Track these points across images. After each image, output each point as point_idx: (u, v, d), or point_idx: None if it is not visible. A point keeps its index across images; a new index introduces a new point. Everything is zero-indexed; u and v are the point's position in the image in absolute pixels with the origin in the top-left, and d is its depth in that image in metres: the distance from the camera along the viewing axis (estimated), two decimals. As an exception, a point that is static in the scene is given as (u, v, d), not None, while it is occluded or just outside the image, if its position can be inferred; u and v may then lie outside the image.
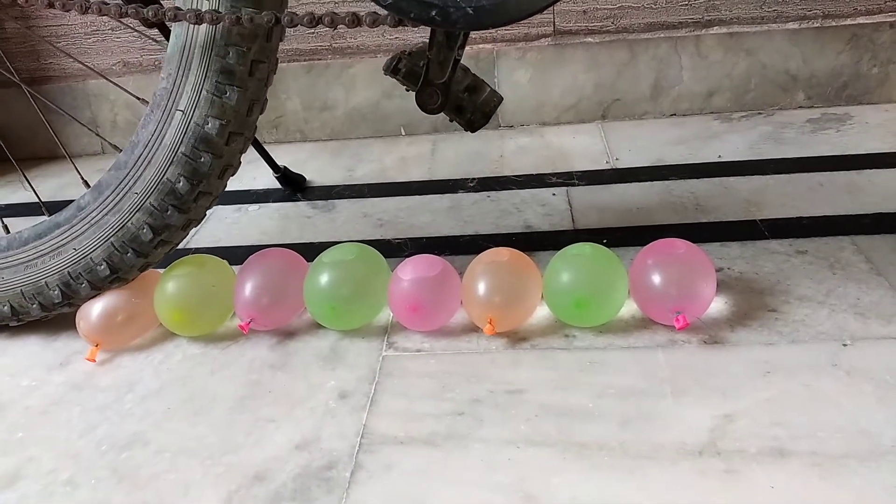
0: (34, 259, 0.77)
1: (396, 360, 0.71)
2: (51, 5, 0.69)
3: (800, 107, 1.24)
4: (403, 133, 1.31)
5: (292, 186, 1.12)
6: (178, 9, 0.67)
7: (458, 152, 1.21)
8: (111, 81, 0.91)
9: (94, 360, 0.74)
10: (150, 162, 0.72)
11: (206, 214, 0.77)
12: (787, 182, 0.98)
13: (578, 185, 1.05)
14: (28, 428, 0.67)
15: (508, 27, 1.24)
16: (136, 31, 0.89)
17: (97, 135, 0.88)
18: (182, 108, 0.71)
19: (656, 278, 0.69)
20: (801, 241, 0.83)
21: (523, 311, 0.72)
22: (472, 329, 0.73)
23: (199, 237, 1.01)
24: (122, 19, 0.72)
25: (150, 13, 0.68)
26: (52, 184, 1.27)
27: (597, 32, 1.23)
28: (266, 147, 1.10)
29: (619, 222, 0.93)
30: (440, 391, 0.66)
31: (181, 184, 0.72)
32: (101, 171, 1.35)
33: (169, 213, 0.73)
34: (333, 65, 1.28)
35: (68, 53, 1.01)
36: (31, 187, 0.91)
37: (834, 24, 1.19)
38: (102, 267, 0.75)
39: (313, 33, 1.27)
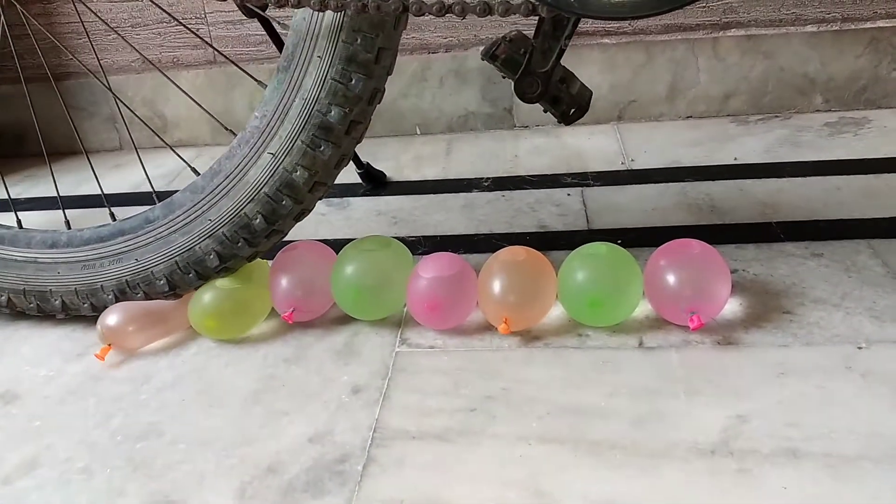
0: (93, 260, 0.78)
1: (409, 357, 0.71)
2: None
3: (817, 110, 1.23)
4: (418, 132, 1.32)
5: (374, 182, 1.12)
6: None
7: (473, 152, 1.22)
8: (170, 79, 0.92)
9: (103, 359, 0.74)
10: (228, 193, 0.73)
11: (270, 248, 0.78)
12: (804, 185, 0.98)
13: (593, 185, 1.05)
14: (45, 417, 0.68)
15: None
16: (223, 54, 0.89)
17: (179, 157, 0.84)
18: (273, 152, 0.71)
19: (671, 278, 0.69)
20: (817, 243, 0.83)
21: (538, 310, 0.72)
22: (486, 327, 0.73)
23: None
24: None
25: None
26: (70, 179, 1.29)
27: (613, 34, 1.23)
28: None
29: (634, 223, 0.93)
30: (453, 387, 0.66)
31: (258, 221, 0.73)
32: (118, 166, 1.37)
33: (239, 245, 0.74)
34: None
35: (134, 47, 1.01)
36: (99, 185, 0.90)
37: (853, 27, 1.18)
38: (162, 282, 0.76)
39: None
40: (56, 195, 0.89)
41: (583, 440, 0.59)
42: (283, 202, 0.72)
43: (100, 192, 0.87)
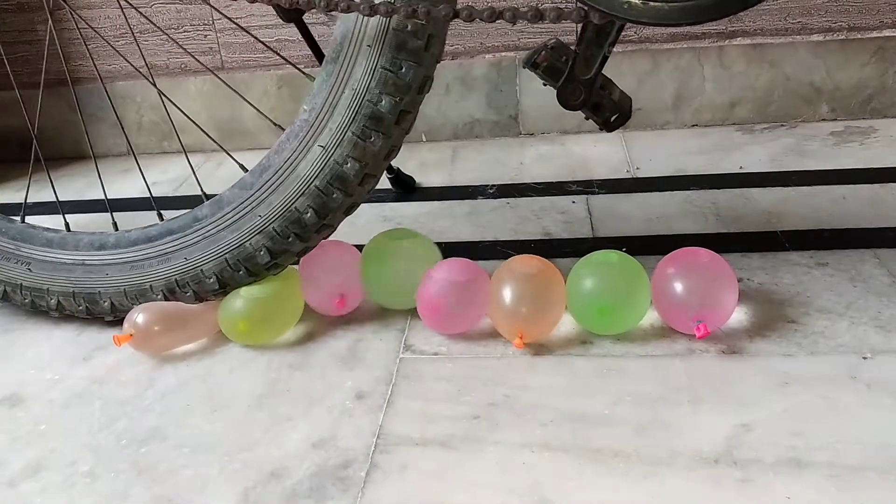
0: (141, 261, 0.78)
1: (413, 363, 0.71)
2: None
3: (823, 119, 1.23)
4: (424, 139, 1.32)
5: (403, 188, 1.12)
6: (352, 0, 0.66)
7: (478, 159, 1.22)
8: (221, 79, 0.92)
9: (119, 344, 0.74)
10: (278, 188, 0.73)
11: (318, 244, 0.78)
12: (810, 194, 0.98)
13: (598, 193, 1.05)
14: (50, 420, 0.69)
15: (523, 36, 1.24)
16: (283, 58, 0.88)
17: (229, 155, 0.84)
18: (323, 145, 0.71)
19: (678, 286, 0.69)
20: (823, 253, 0.83)
21: (550, 321, 0.72)
22: (490, 334, 0.73)
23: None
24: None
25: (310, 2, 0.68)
26: (79, 183, 1.29)
27: (619, 42, 1.23)
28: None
29: (639, 231, 0.93)
30: (456, 394, 0.66)
31: (309, 215, 0.72)
32: (126, 171, 1.37)
33: (290, 240, 0.73)
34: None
35: (189, 52, 1.01)
36: (147, 187, 0.90)
37: (859, 36, 1.18)
38: (212, 280, 0.75)
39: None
40: (104, 198, 0.88)
41: (586, 448, 0.59)
42: (334, 195, 0.72)
43: (148, 195, 0.88)
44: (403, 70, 0.68)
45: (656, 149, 1.18)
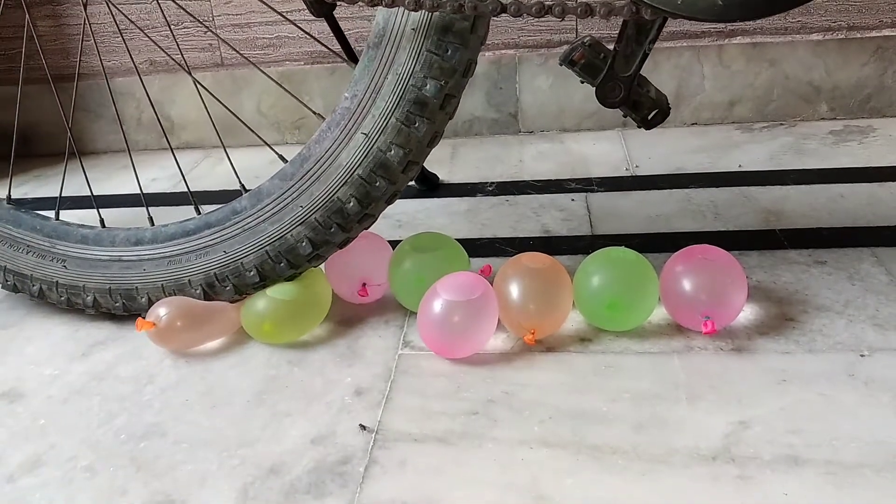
0: (179, 255, 0.77)
1: (412, 359, 0.71)
2: None
3: (822, 118, 1.23)
4: (424, 136, 1.32)
5: (427, 185, 1.11)
6: None
7: (478, 156, 1.22)
8: (267, 76, 0.92)
9: (139, 329, 0.73)
10: (319, 178, 0.71)
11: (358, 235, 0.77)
12: (808, 193, 0.98)
13: (597, 191, 1.05)
14: (49, 416, 0.69)
15: (530, 34, 1.24)
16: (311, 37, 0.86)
17: (266, 144, 0.82)
18: (366, 132, 0.70)
19: (688, 283, 0.69)
20: (821, 251, 0.83)
21: (559, 318, 0.72)
22: (489, 330, 0.73)
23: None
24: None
25: None
26: (78, 179, 1.29)
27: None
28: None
29: (638, 229, 0.93)
30: (455, 390, 0.66)
31: (351, 204, 0.71)
32: (125, 167, 1.37)
33: (332, 230, 0.72)
34: (356, 67, 1.30)
35: (233, 46, 1.01)
36: (186, 185, 0.89)
37: (859, 35, 1.18)
38: (252, 273, 0.75)
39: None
40: (139, 191, 0.87)
41: (584, 444, 0.59)
42: (377, 183, 0.71)
43: (187, 190, 0.87)
44: (449, 53, 0.67)
45: (656, 147, 1.18)
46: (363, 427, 0.62)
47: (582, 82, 0.74)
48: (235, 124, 1.36)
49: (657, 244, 0.87)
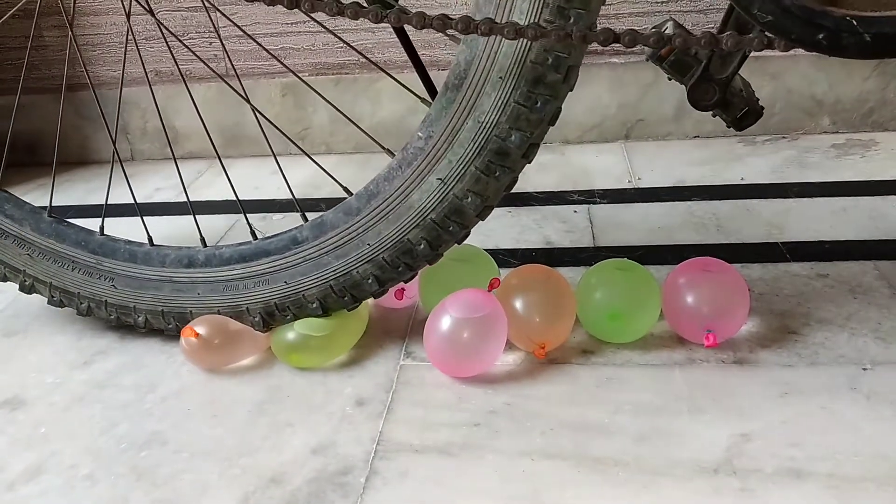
0: (236, 281, 0.74)
1: (414, 370, 0.71)
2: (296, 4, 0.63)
3: (825, 132, 1.23)
4: (427, 148, 1.33)
5: None
6: (493, 21, 0.59)
7: (481, 168, 1.22)
8: (306, 83, 0.91)
9: (184, 336, 0.72)
10: (388, 217, 0.69)
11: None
12: (810, 206, 0.98)
13: (600, 203, 1.05)
14: (51, 424, 0.69)
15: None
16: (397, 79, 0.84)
17: (326, 173, 0.78)
18: (442, 177, 0.66)
19: (690, 296, 0.69)
20: (823, 264, 0.83)
21: (563, 330, 0.72)
22: (490, 341, 0.73)
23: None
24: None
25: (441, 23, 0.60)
26: (80, 189, 1.30)
27: (622, 53, 1.24)
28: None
29: (640, 241, 0.93)
30: (456, 401, 0.66)
31: (422, 247, 0.69)
32: (131, 176, 1.38)
33: (400, 269, 0.70)
34: (360, 79, 1.30)
35: (270, 52, 1.02)
36: (231, 183, 0.84)
37: (861, 50, 1.19)
38: (315, 305, 0.72)
39: (342, 48, 1.28)
40: (187, 201, 0.85)
41: (586, 456, 0.59)
42: (450, 228, 0.68)
43: (235, 198, 0.86)
44: (539, 105, 0.63)
45: (658, 159, 1.19)
46: None
47: (669, 79, 0.70)
48: (239, 134, 1.36)
49: (659, 256, 0.87)
